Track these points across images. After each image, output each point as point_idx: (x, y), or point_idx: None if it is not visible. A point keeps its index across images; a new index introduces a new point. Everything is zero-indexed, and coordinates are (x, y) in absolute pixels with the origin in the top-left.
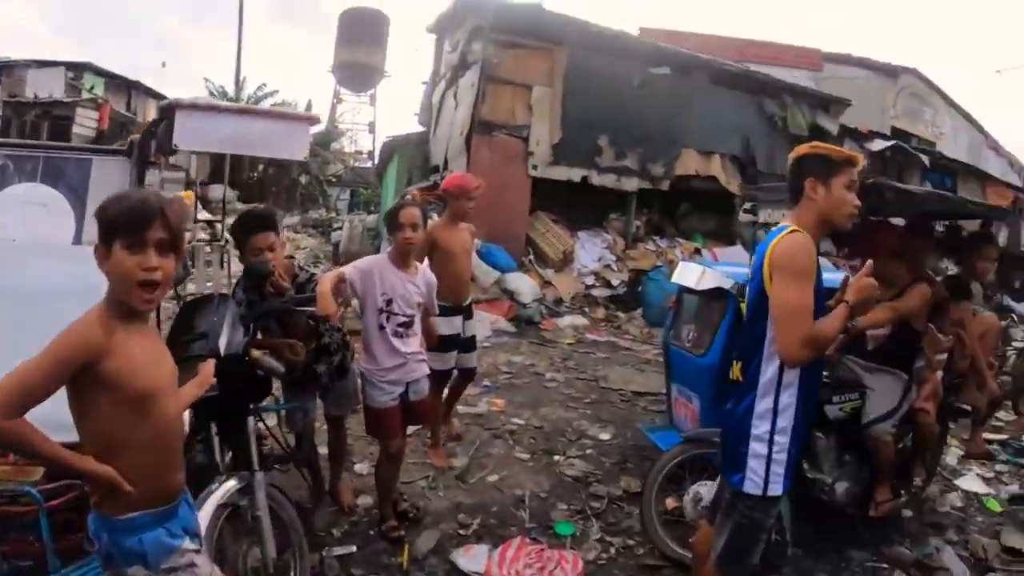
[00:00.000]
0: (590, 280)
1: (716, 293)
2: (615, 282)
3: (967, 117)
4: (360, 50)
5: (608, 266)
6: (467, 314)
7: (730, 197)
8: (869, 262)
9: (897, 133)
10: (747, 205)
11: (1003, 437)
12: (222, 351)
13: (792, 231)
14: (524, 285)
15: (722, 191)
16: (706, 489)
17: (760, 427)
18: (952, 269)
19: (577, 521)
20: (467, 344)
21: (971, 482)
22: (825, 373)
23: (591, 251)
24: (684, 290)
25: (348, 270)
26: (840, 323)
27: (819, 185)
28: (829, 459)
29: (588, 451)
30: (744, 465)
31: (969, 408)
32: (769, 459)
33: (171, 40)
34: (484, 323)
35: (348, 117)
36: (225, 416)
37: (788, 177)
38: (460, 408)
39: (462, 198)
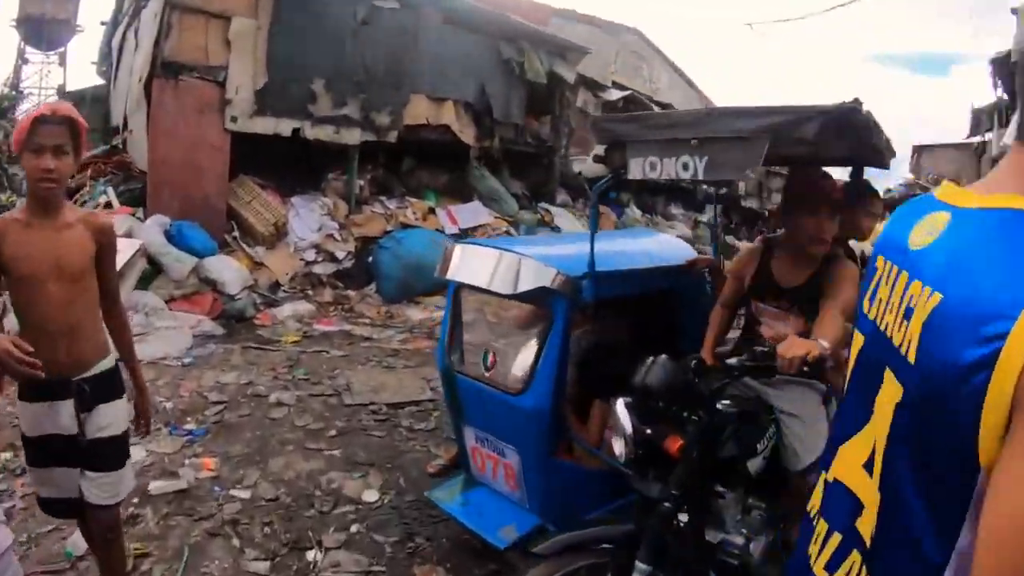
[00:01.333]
0: (310, 255)
1: (532, 295)
2: (340, 254)
3: (681, 74)
4: (48, 1)
5: (331, 236)
6: (94, 393)
7: (464, 148)
8: None
9: (617, 88)
10: (599, 149)
11: None
12: None
13: None
14: (229, 271)
15: (455, 142)
16: None
17: None
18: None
19: None
20: (96, 453)
21: None
22: (726, 402)
23: (308, 220)
24: (467, 289)
25: None
26: None
27: None
28: (733, 514)
29: (353, 528)
30: None
31: None
32: None
33: None
34: (183, 330)
35: (35, 80)
36: None
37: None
38: (152, 483)
39: (26, 150)
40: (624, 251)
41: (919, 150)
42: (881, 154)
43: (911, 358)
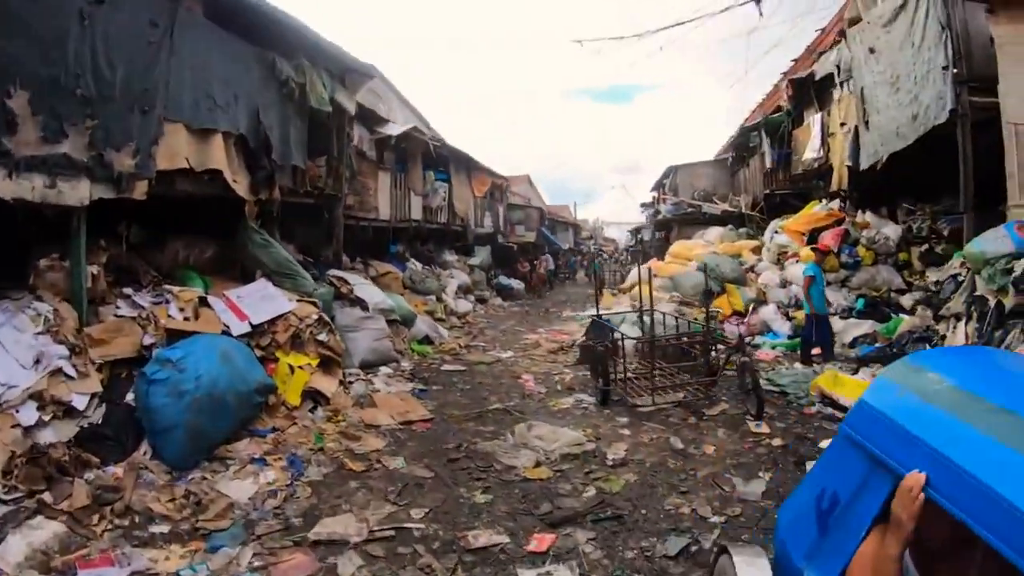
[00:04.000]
0: (30, 414)
1: None
2: (81, 402)
3: (415, 112)
4: None
5: (59, 371)
6: None
7: (237, 204)
8: None
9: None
10: None
11: None
12: None
13: None
14: None
15: (224, 196)
16: None
17: None
18: None
19: None
20: None
21: None
22: None
23: (16, 348)
24: None
25: None
26: None
27: None
28: None
29: None
30: None
31: None
32: None
33: None
34: None
35: None
36: None
37: None
38: None
39: None
40: None
41: (675, 169)
42: None
43: None
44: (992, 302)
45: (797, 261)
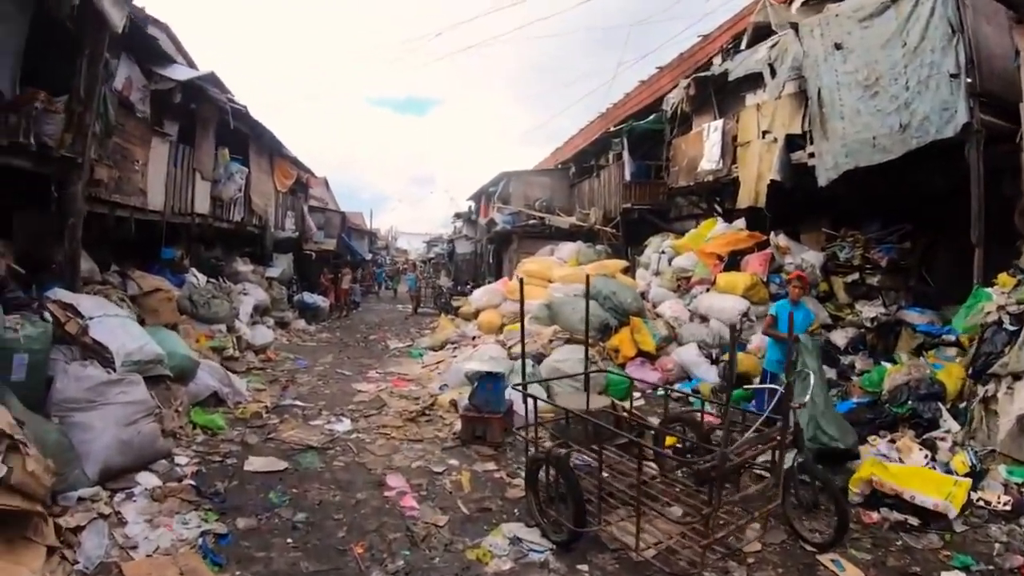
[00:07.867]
0: None
1: None
2: None
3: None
4: None
5: None
6: None
7: None
8: None
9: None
10: None
11: None
12: None
13: None
14: None
15: None
16: None
17: None
18: None
19: None
20: None
21: None
22: None
23: None
24: None
25: None
26: None
27: None
28: None
29: None
30: None
31: None
32: None
33: None
34: None
35: None
36: None
37: None
38: None
39: None
40: None
41: (508, 176)
42: None
43: None
44: None
45: (708, 290)
